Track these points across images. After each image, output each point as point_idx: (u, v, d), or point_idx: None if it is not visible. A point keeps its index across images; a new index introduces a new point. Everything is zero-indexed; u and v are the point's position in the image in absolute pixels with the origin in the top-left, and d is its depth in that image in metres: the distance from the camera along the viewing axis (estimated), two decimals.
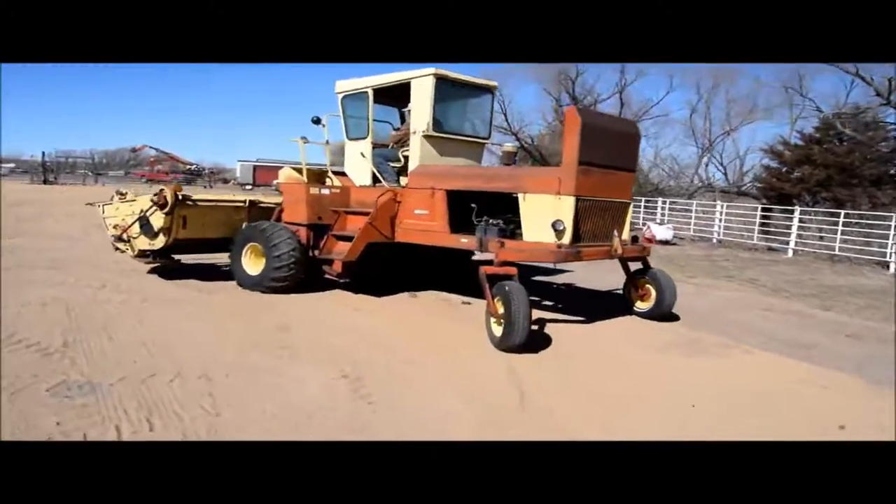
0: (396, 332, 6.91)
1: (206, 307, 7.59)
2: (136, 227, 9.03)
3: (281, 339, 6.20)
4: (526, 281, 10.86)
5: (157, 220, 8.77)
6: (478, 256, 8.25)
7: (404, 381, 5.13)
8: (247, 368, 5.21)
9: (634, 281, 8.25)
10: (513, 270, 6.65)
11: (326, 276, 8.71)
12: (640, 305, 8.08)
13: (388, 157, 9.11)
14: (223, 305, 7.74)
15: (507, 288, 6.26)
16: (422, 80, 8.28)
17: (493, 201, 7.72)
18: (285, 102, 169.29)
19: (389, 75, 8.65)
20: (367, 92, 8.83)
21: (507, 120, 38.05)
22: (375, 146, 9.03)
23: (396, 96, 9.03)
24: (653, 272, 8.04)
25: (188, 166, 66.87)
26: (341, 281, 8.80)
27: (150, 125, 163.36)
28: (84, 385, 4.54)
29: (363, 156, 9.01)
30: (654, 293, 7.89)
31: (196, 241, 9.34)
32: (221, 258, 9.92)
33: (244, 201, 9.84)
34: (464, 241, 7.62)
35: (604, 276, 11.18)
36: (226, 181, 62.33)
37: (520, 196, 7.25)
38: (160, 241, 8.95)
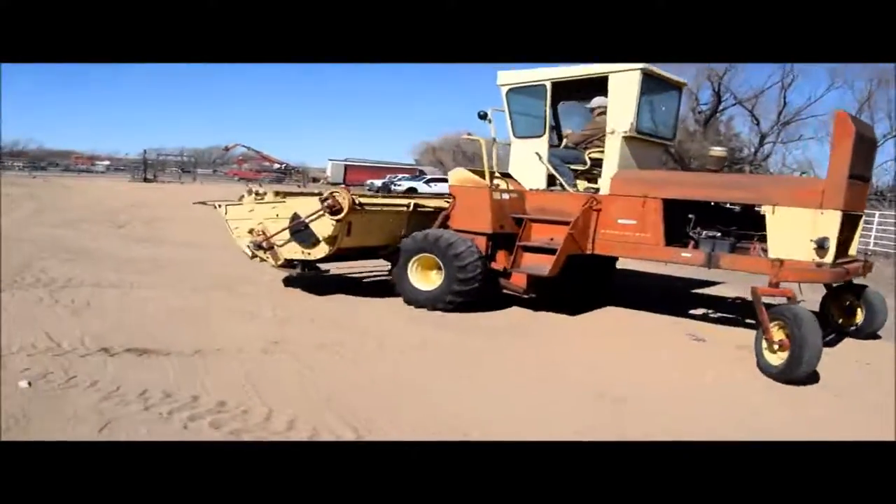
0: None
1: (493, 361, 5.99)
2: (285, 234, 8.17)
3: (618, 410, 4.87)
4: (682, 292, 10.71)
5: (324, 226, 7.83)
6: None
7: None
8: None
9: (839, 299, 7.71)
10: (790, 292, 6.08)
11: (505, 290, 8.03)
12: (846, 324, 7.46)
13: (566, 159, 8.43)
14: (509, 357, 6.20)
15: (793, 312, 5.67)
16: (626, 76, 7.56)
17: (713, 212, 7.26)
18: (359, 103, 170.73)
19: (575, 68, 7.93)
20: (544, 86, 8.13)
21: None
22: (551, 146, 8.41)
23: (576, 92, 8.57)
24: (861, 288, 7.45)
25: (278, 165, 67.56)
26: (525, 297, 8.07)
27: (231, 124, 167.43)
28: None
29: (538, 156, 8.23)
30: (862, 311, 7.31)
31: (355, 249, 8.57)
32: (349, 266, 9.46)
33: (407, 205, 8.87)
34: (685, 256, 7.11)
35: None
36: (316, 180, 62.54)
37: (766, 209, 6.64)
38: (321, 251, 8.05)
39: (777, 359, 5.72)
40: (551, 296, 8.35)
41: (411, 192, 35.33)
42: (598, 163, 8.13)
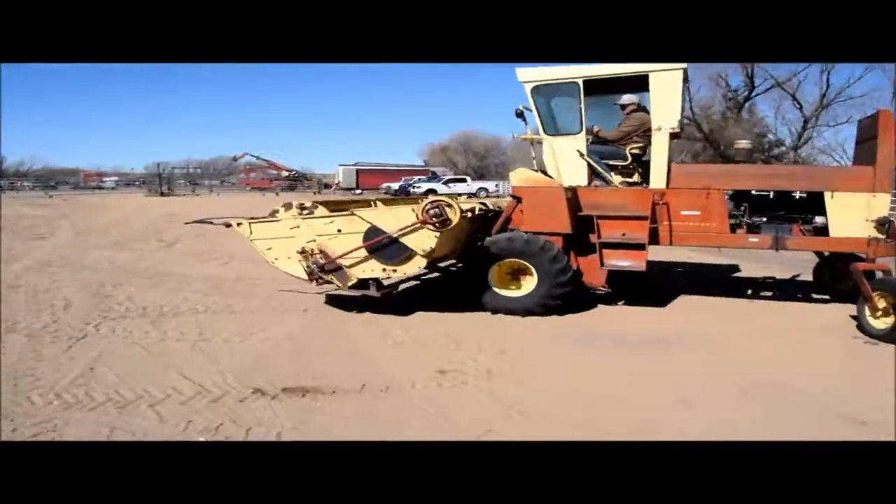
0: None
1: (696, 379, 5.30)
2: (360, 251, 7.15)
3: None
4: (724, 275, 10.94)
5: (422, 239, 6.94)
6: None
7: None
8: None
9: (833, 266, 8.79)
10: (886, 266, 7.02)
11: (590, 289, 7.92)
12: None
13: (604, 155, 8.40)
14: (706, 373, 5.43)
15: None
16: (669, 75, 7.71)
17: (766, 200, 8.12)
18: (359, 106, 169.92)
19: (610, 66, 7.85)
20: (577, 83, 7.99)
21: (691, 108, 35.81)
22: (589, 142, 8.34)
23: (605, 89, 8.48)
24: (854, 256, 7.88)
25: (287, 172, 66.94)
26: (602, 293, 7.96)
27: (229, 134, 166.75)
28: None
29: (580, 154, 8.16)
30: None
31: (436, 260, 7.97)
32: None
33: (473, 209, 8.16)
34: (753, 241, 7.87)
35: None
36: (328, 186, 61.96)
37: (826, 194, 7.56)
38: (412, 266, 7.23)
39: (881, 323, 6.58)
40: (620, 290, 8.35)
41: (431, 193, 34.62)
42: (636, 158, 8.37)
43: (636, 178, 8.47)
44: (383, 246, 7.06)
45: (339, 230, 7.25)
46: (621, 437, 4.06)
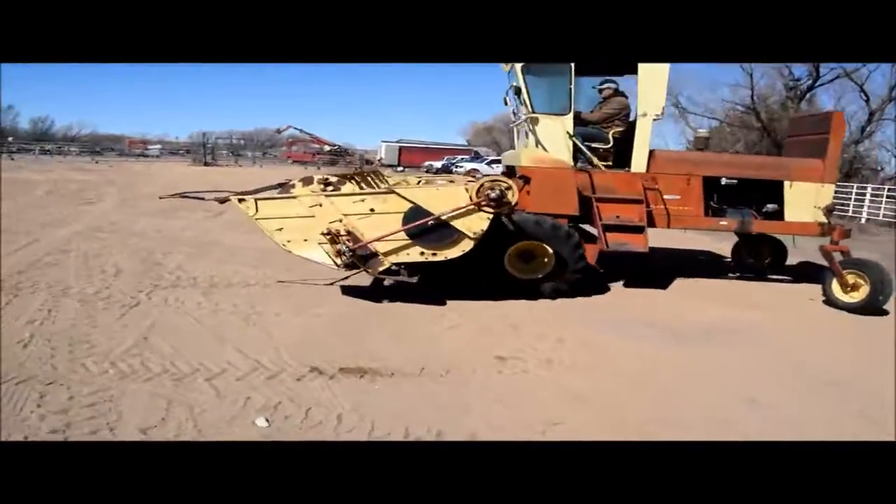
0: None
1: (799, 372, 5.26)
2: (396, 235, 6.58)
3: None
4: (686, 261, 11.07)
5: (475, 220, 6.58)
6: None
7: None
8: None
9: (748, 245, 10.06)
10: (846, 248, 8.00)
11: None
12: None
13: (588, 136, 8.38)
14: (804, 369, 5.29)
15: (871, 262, 7.86)
16: (657, 63, 7.82)
17: (730, 187, 8.50)
18: (403, 83, 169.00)
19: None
20: (568, 63, 7.93)
21: (752, 97, 35.04)
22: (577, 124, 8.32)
23: (595, 69, 8.64)
24: (768, 237, 9.43)
25: (329, 147, 67.01)
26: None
27: (272, 107, 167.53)
28: None
29: (568, 134, 8.12)
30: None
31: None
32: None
33: None
34: (723, 224, 8.50)
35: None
36: (369, 162, 61.90)
37: (786, 183, 8.40)
38: (457, 250, 6.65)
39: (850, 298, 7.67)
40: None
41: (475, 172, 34.29)
42: (615, 142, 8.49)
43: (610, 161, 8.54)
44: (427, 229, 6.57)
45: (372, 209, 6.59)
46: (692, 437, 3.88)
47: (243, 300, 6.68)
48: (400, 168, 54.21)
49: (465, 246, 6.66)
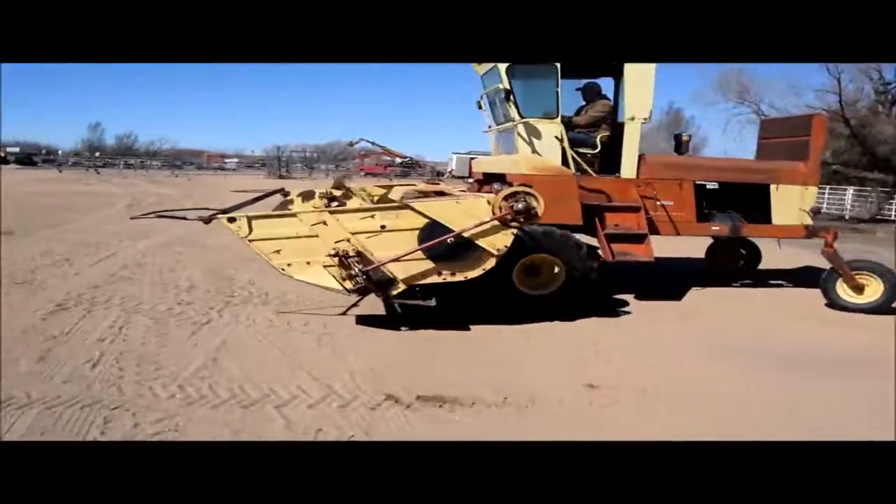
0: None
1: None
2: (417, 253, 5.91)
3: None
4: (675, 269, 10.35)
5: (499, 236, 5.92)
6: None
7: None
8: None
9: (724, 247, 9.95)
10: (831, 250, 7.82)
11: None
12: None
13: (574, 142, 7.87)
14: None
15: (879, 264, 7.83)
16: (644, 66, 7.59)
17: (716, 192, 8.58)
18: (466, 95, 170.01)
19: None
20: (554, 66, 7.56)
21: (840, 103, 33.31)
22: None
23: (581, 72, 8.44)
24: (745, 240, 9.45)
25: (401, 159, 67.47)
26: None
27: (343, 120, 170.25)
28: None
29: (558, 140, 7.68)
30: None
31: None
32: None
33: None
34: (715, 229, 8.32)
35: None
36: (440, 174, 62.07)
37: (772, 186, 8.26)
38: (477, 269, 6.02)
39: (859, 298, 7.64)
40: None
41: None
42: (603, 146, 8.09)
43: (596, 167, 8.07)
44: (446, 246, 5.91)
45: (383, 226, 5.93)
46: None
47: (315, 318, 6.44)
48: (470, 180, 53.97)
49: (488, 264, 6.02)
